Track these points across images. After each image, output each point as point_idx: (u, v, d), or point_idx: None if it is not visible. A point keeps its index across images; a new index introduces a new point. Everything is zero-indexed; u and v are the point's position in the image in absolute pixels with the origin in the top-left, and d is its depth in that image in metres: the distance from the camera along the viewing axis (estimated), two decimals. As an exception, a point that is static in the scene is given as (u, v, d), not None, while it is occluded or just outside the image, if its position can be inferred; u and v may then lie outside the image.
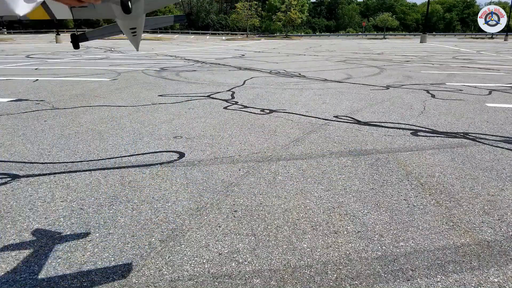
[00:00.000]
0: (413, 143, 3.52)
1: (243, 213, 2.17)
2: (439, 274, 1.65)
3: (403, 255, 1.78)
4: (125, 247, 1.83)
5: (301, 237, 1.93)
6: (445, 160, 3.05)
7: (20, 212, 2.18)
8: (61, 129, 3.92)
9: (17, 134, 3.76)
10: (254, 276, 1.63)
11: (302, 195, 2.42)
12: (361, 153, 3.24)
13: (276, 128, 4.02)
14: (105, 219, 2.10)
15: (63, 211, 2.19)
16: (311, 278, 1.62)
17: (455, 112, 4.81)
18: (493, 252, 1.81)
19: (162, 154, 3.18)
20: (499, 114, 4.71)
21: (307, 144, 3.49)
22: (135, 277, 1.62)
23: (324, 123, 4.27)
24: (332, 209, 2.23)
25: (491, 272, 1.66)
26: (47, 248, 1.82)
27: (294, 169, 2.87)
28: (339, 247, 1.85)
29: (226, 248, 1.83)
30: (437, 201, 2.34)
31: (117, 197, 2.37)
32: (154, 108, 5.04)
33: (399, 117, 4.55)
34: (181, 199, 2.35)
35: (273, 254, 1.79)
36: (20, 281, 1.60)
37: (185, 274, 1.64)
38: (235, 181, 2.62)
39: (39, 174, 2.74)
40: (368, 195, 2.43)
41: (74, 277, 1.62)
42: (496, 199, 2.37)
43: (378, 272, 1.66)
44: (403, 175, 2.75)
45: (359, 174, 2.77)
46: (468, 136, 3.75)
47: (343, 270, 1.68)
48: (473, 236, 1.95)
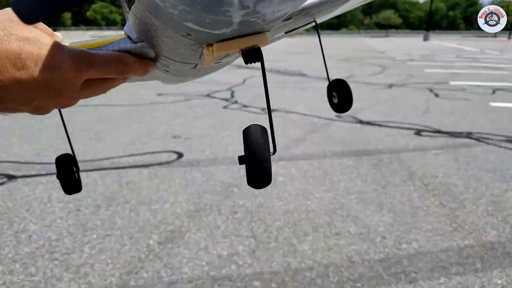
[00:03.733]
0: (416, 143, 3.48)
1: (243, 215, 2.14)
2: (442, 276, 1.62)
3: (406, 257, 1.75)
4: (122, 249, 1.81)
5: (302, 239, 1.90)
6: (449, 161, 3.01)
7: (17, 213, 2.15)
8: (58, 129, 3.89)
9: (13, 134, 3.74)
10: (254, 278, 1.61)
11: (303, 196, 2.38)
12: (363, 153, 3.20)
13: (276, 128, 3.99)
14: (103, 220, 2.07)
15: (60, 212, 2.16)
16: (313, 281, 1.59)
17: (459, 111, 4.76)
18: (496, 253, 1.78)
19: (161, 154, 3.15)
20: (504, 113, 4.66)
21: (309, 144, 3.46)
22: (133, 279, 1.60)
23: (326, 122, 4.23)
24: (334, 211, 2.20)
25: (495, 274, 1.64)
26: (44, 250, 1.80)
27: (295, 169, 2.83)
28: (341, 249, 1.81)
29: (226, 250, 1.81)
30: (440, 202, 2.30)
31: (114, 198, 2.34)
32: (153, 107, 5.02)
33: (402, 116, 4.51)
34: (180, 200, 2.32)
35: (274, 257, 1.76)
36: (17, 282, 1.58)
37: (184, 277, 1.61)
38: (235, 182, 2.58)
39: (36, 174, 2.72)
40: (371, 196, 2.39)
41: (71, 279, 1.60)
42: (500, 200, 2.34)
43: (380, 274, 1.63)
44: (406, 175, 2.71)
45: (361, 174, 2.74)
46: (472, 136, 3.71)
47: (345, 272, 1.65)
48: (476, 237, 1.92)
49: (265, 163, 0.33)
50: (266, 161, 0.33)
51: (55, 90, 0.38)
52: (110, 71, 0.41)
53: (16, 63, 0.34)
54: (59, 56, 0.37)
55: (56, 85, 0.37)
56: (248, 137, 0.34)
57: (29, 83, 0.35)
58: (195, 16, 0.28)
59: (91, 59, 0.39)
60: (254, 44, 0.34)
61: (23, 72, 0.35)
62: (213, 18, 0.28)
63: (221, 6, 0.26)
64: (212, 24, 0.29)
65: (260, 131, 0.34)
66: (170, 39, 0.37)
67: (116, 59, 0.41)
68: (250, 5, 0.26)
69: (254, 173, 0.34)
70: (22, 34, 0.35)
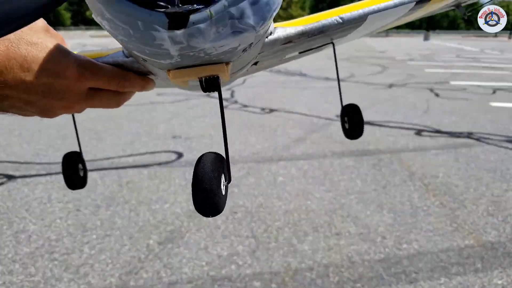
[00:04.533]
0: (416, 143, 3.48)
1: (243, 215, 2.14)
2: (442, 276, 1.62)
3: (406, 257, 1.75)
4: (122, 249, 1.80)
5: (302, 239, 1.90)
6: (449, 161, 3.01)
7: (17, 213, 2.15)
8: (57, 129, 3.89)
9: (13, 134, 3.73)
10: (254, 279, 1.60)
11: (303, 196, 2.38)
12: (363, 153, 3.20)
13: (276, 128, 3.99)
14: (102, 220, 2.07)
15: (60, 212, 2.16)
16: (313, 281, 1.59)
17: (459, 111, 4.76)
18: (497, 254, 1.78)
19: (161, 154, 3.15)
20: (504, 113, 4.65)
21: (309, 144, 3.45)
22: (133, 280, 1.59)
23: (325, 122, 4.22)
24: (334, 211, 2.19)
25: (495, 274, 1.63)
26: (43, 250, 1.80)
27: (295, 169, 2.83)
28: (341, 249, 1.81)
29: (226, 250, 1.80)
30: (440, 202, 2.30)
31: (114, 198, 2.34)
32: (152, 107, 5.01)
33: (402, 116, 4.50)
34: (180, 200, 2.31)
35: (274, 257, 1.75)
36: (17, 283, 1.58)
37: (184, 277, 1.61)
38: (235, 182, 2.58)
39: (35, 174, 2.72)
40: (371, 196, 2.39)
41: (70, 279, 1.59)
42: (500, 200, 2.33)
43: (380, 274, 1.63)
44: (406, 175, 2.71)
45: (361, 174, 2.73)
46: (472, 136, 3.70)
47: (345, 272, 1.64)
48: (477, 237, 1.91)
49: (211, 192, 0.32)
50: (212, 191, 0.32)
51: (58, 94, 0.40)
52: (111, 84, 0.44)
53: (23, 65, 0.37)
54: (64, 62, 0.39)
55: (59, 89, 0.40)
56: (198, 164, 0.33)
57: (33, 85, 0.38)
58: (135, 47, 0.28)
59: (95, 69, 0.41)
60: (212, 73, 0.34)
61: (28, 74, 0.37)
62: (152, 50, 0.28)
63: (153, 40, 0.26)
64: (154, 55, 0.29)
65: (212, 159, 0.33)
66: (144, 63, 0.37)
67: (119, 73, 0.44)
68: (183, 40, 0.26)
69: (199, 201, 0.32)
70: (31, 39, 0.38)
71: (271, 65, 0.76)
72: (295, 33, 0.46)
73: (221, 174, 0.34)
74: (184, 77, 0.34)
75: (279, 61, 0.69)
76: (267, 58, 0.53)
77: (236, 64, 0.38)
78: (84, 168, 0.69)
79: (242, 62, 0.40)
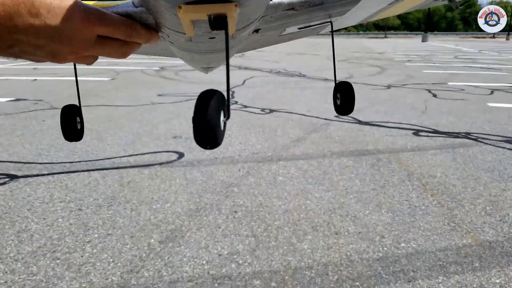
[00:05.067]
0: (414, 143, 3.50)
1: (243, 214, 2.15)
2: (440, 275, 1.63)
3: (405, 256, 1.77)
4: (124, 248, 1.82)
5: (302, 238, 1.91)
6: (447, 160, 3.03)
7: (19, 212, 2.16)
8: (59, 129, 3.89)
9: (15, 134, 3.74)
10: (254, 277, 1.62)
11: (303, 196, 2.40)
12: (362, 153, 3.22)
13: (276, 128, 4.01)
14: (104, 220, 2.08)
15: (62, 211, 2.18)
16: (312, 280, 1.61)
17: (457, 112, 4.78)
18: (495, 253, 1.80)
19: (161, 154, 3.17)
20: (501, 114, 4.68)
21: (308, 144, 3.47)
22: (134, 278, 1.61)
23: (325, 122, 4.25)
24: (333, 210, 2.21)
25: (493, 273, 1.65)
26: (45, 249, 1.81)
27: (295, 169, 2.85)
28: (340, 248, 1.83)
29: (226, 249, 1.82)
30: (438, 202, 2.32)
31: (115, 197, 2.35)
32: (153, 107, 5.03)
33: (401, 117, 4.53)
34: (181, 199, 2.33)
35: (274, 256, 1.77)
36: (19, 282, 1.59)
37: (185, 276, 1.62)
38: (235, 182, 2.60)
39: (37, 174, 2.73)
40: (370, 195, 2.41)
41: (72, 278, 1.61)
42: (498, 199, 2.36)
43: (379, 273, 1.65)
44: (405, 175, 2.73)
45: (360, 174, 2.75)
46: (470, 136, 3.73)
47: (344, 271, 1.66)
48: (474, 237, 1.93)
49: (211, 124, 0.35)
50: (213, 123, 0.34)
51: (66, 38, 0.41)
52: (118, 32, 0.44)
53: (31, 10, 0.38)
54: (72, 7, 0.40)
55: (66, 34, 0.41)
56: (200, 98, 0.35)
57: (41, 29, 0.39)
58: None
59: (102, 16, 0.43)
60: (221, 12, 0.35)
61: (36, 19, 0.39)
62: None
63: None
64: None
65: (214, 95, 0.36)
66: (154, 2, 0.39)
67: (126, 22, 0.45)
68: None
69: (200, 132, 0.35)
70: None
71: (272, 42, 0.77)
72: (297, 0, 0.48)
73: (221, 109, 0.36)
74: (195, 13, 0.35)
75: (279, 36, 0.70)
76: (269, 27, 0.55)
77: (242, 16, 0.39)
78: (81, 121, 0.72)
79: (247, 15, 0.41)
